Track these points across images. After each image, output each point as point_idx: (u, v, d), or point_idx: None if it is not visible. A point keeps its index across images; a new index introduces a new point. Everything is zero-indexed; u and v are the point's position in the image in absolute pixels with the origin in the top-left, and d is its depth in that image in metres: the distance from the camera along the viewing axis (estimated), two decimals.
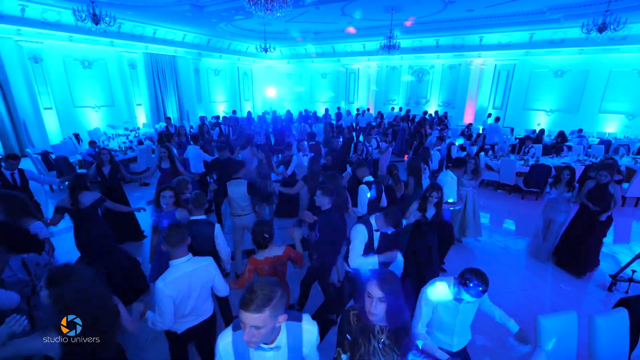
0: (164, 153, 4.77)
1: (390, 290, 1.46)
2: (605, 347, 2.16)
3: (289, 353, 1.45)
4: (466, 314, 2.01)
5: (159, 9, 9.33)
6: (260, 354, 1.40)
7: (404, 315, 1.54)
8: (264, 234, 2.37)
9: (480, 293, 1.79)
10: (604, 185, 3.95)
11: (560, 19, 9.80)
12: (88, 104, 11.53)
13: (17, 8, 8.54)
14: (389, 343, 1.56)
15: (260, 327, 1.23)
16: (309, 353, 1.55)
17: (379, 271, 1.58)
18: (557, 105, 12.43)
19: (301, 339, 1.48)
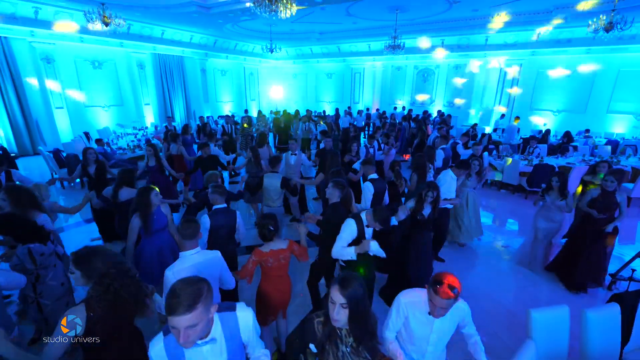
0: (150, 151, 4.89)
1: (352, 295, 1.40)
2: (597, 341, 2.20)
3: (227, 343, 1.44)
4: (442, 333, 1.83)
5: (166, 10, 9.51)
6: (196, 351, 1.37)
7: (368, 320, 1.51)
8: (269, 226, 2.43)
9: (451, 299, 1.62)
10: (611, 193, 3.64)
11: (567, 18, 9.74)
12: (98, 103, 11.80)
13: (30, 10, 8.80)
14: (357, 346, 1.52)
15: (196, 324, 1.22)
16: (249, 339, 1.55)
17: (342, 274, 1.51)
18: (564, 105, 12.31)
19: (238, 327, 1.48)
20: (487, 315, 3.40)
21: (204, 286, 1.29)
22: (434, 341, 1.83)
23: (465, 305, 1.87)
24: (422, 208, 3.32)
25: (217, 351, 1.42)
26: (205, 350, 1.39)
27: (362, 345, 1.51)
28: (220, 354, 1.43)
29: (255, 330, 1.57)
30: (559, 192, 3.85)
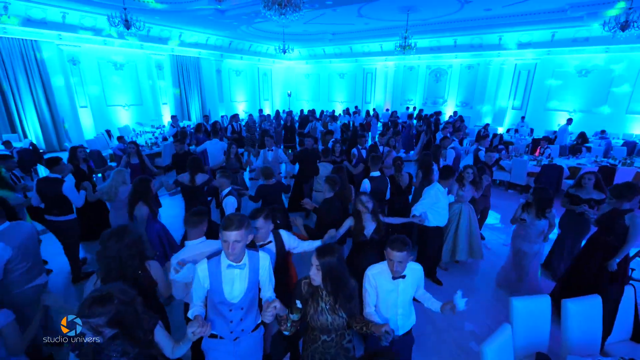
0: (133, 149, 5.19)
1: (326, 261, 1.75)
2: (577, 330, 2.29)
3: (250, 273, 1.85)
4: (406, 295, 2.10)
5: (184, 13, 9.92)
6: (230, 272, 1.81)
7: (344, 285, 1.80)
8: (276, 220, 2.63)
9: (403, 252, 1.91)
10: (621, 212, 2.96)
11: (584, 16, 9.54)
12: (119, 102, 12.39)
13: (59, 15, 9.38)
14: (343, 302, 1.82)
15: (239, 241, 1.72)
16: (263, 275, 1.92)
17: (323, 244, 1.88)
18: (580, 105, 12.03)
19: (258, 263, 1.88)
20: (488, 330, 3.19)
21: (247, 220, 1.80)
22: (402, 303, 2.09)
23: (420, 267, 2.16)
24: (361, 227, 2.81)
25: (243, 277, 1.83)
26: (235, 272, 1.81)
27: (339, 304, 1.82)
28: (244, 280, 1.84)
29: (269, 273, 1.95)
30: (537, 210, 3.30)
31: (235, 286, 1.82)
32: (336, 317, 1.83)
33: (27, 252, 2.49)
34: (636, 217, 2.88)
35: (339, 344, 1.92)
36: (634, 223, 2.88)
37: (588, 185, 3.65)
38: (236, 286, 1.82)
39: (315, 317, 1.83)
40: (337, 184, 3.44)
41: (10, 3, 8.40)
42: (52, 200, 3.60)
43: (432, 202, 3.54)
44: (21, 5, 8.60)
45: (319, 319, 1.83)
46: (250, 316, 1.94)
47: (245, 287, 1.84)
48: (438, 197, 3.56)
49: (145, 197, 3.17)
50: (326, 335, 1.88)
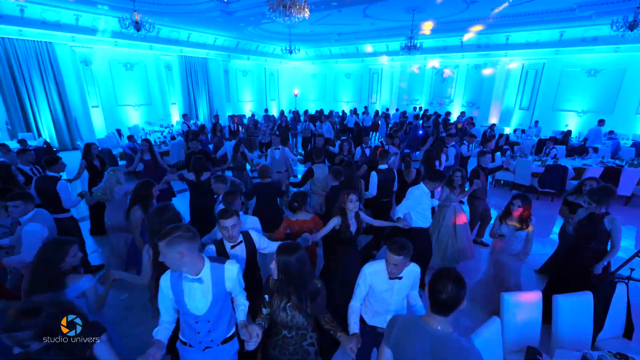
0: (146, 146, 5.46)
1: (282, 258, 1.79)
2: (568, 326, 2.35)
3: (213, 286, 1.81)
4: (400, 293, 2.10)
5: (192, 15, 10.13)
6: (189, 285, 1.77)
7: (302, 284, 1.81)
8: (294, 202, 3.12)
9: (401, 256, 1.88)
10: (599, 216, 2.84)
11: (592, 16, 9.44)
12: (129, 102, 12.69)
13: (72, 17, 9.67)
14: (297, 302, 1.82)
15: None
16: (233, 288, 1.90)
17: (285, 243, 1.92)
18: (589, 105, 11.87)
19: (223, 276, 1.84)
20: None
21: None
22: (395, 301, 2.10)
23: (417, 268, 2.13)
24: (347, 226, 2.92)
25: (205, 291, 1.80)
26: (194, 286, 1.77)
27: (292, 304, 1.83)
28: (207, 294, 1.80)
29: (239, 282, 1.93)
30: (519, 221, 3.07)
31: (197, 299, 1.79)
32: (296, 314, 1.84)
33: (53, 236, 2.74)
34: (616, 220, 2.80)
35: (299, 343, 1.93)
36: (615, 226, 2.80)
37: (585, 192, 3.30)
38: (199, 299, 1.79)
39: (277, 312, 1.87)
40: (341, 174, 3.94)
41: (27, 6, 8.71)
42: (49, 198, 3.65)
43: (415, 203, 3.47)
44: (37, 8, 8.91)
45: (280, 314, 1.86)
46: (220, 328, 1.90)
47: (209, 301, 1.80)
48: (422, 198, 3.50)
49: (144, 201, 3.10)
50: (287, 330, 1.92)
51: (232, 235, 2.23)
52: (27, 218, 2.66)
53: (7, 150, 5.95)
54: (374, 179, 4.29)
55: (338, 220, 2.92)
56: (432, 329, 1.44)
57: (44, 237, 2.59)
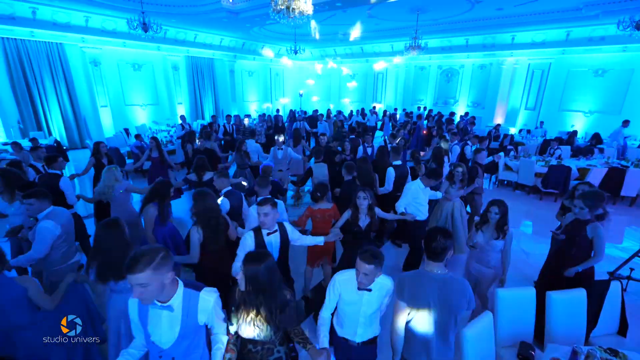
0: (153, 144, 5.64)
1: (250, 269, 1.67)
2: (561, 322, 2.38)
3: (183, 317, 1.57)
4: (369, 306, 1.97)
5: (199, 16, 10.28)
6: (156, 312, 1.55)
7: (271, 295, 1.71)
8: (317, 193, 3.38)
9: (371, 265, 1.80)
10: (583, 222, 2.76)
11: (599, 15, 9.36)
12: (137, 102, 12.91)
13: (82, 19, 9.89)
14: (264, 316, 1.70)
15: (146, 284, 1.39)
16: (209, 321, 1.67)
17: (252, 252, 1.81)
18: (596, 106, 11.75)
19: (197, 307, 1.60)
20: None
21: (159, 255, 1.44)
22: (364, 313, 1.98)
23: (390, 282, 2.00)
24: (357, 219, 3.02)
25: (174, 321, 1.57)
26: (163, 314, 1.55)
27: (262, 317, 1.70)
28: (175, 324, 1.57)
29: (216, 314, 1.69)
30: (496, 228, 2.87)
31: (163, 330, 1.57)
32: (263, 330, 1.73)
33: (68, 234, 2.83)
34: (598, 228, 2.69)
35: (264, 358, 1.81)
36: (597, 234, 2.68)
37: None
38: (164, 331, 1.57)
39: (243, 326, 1.74)
40: (353, 169, 4.17)
41: (38, 8, 8.93)
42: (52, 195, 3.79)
43: (412, 198, 3.72)
44: (48, 10, 9.13)
45: (246, 328, 1.74)
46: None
47: (176, 333, 1.57)
48: (418, 193, 3.74)
49: (161, 199, 3.16)
50: (252, 345, 1.80)
51: (264, 222, 2.40)
52: (42, 215, 2.71)
53: (20, 148, 6.12)
54: (391, 174, 4.51)
55: (349, 213, 3.07)
56: (434, 274, 1.86)
57: (55, 235, 2.66)
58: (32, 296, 2.05)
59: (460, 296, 1.83)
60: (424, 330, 1.87)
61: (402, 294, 1.89)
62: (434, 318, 1.84)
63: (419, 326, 1.88)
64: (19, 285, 2.03)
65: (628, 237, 5.49)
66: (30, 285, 2.06)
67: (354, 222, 3.03)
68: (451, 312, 1.83)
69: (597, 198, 2.74)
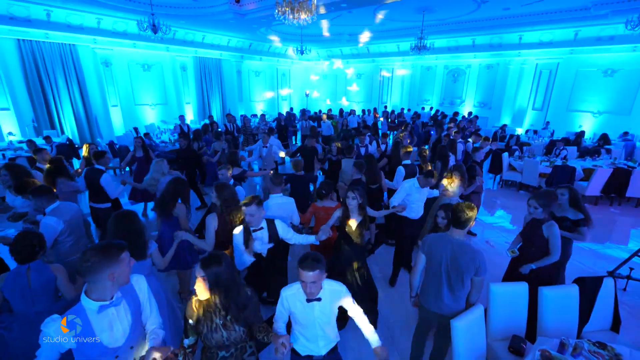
0: (139, 143, 5.78)
1: (212, 270, 1.60)
2: (552, 317, 2.43)
3: (130, 304, 1.61)
4: (325, 317, 1.91)
5: (207, 17, 10.47)
6: (104, 315, 1.51)
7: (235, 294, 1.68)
8: (322, 190, 3.45)
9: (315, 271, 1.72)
10: (539, 222, 2.79)
11: (608, 14, 9.25)
12: (146, 102, 13.19)
13: (94, 21, 10.17)
14: (230, 318, 1.68)
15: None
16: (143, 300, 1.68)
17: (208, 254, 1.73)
18: (605, 106, 11.59)
19: (134, 290, 1.64)
20: None
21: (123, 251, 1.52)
22: (320, 325, 1.91)
23: (342, 287, 1.94)
24: (348, 216, 2.97)
25: (122, 312, 1.57)
26: (110, 312, 1.53)
27: (232, 316, 1.69)
28: (125, 315, 1.58)
29: (149, 297, 1.70)
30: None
31: (115, 328, 1.54)
32: (232, 331, 1.71)
33: (75, 228, 3.01)
34: (553, 227, 2.70)
35: (240, 358, 1.81)
36: (553, 233, 2.69)
37: (562, 201, 3.08)
38: (116, 327, 1.55)
39: (209, 335, 1.69)
40: (363, 167, 4.28)
41: (53, 10, 9.22)
42: (94, 189, 4.09)
43: (405, 195, 3.73)
44: (62, 12, 9.42)
45: (213, 337, 1.69)
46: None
47: (129, 323, 1.59)
48: (412, 191, 3.73)
49: (184, 196, 3.29)
50: (224, 351, 1.77)
51: (250, 221, 2.54)
52: (49, 210, 2.89)
53: (34, 146, 6.36)
54: (401, 173, 4.67)
55: (340, 212, 3.03)
56: (453, 238, 2.24)
57: (58, 230, 2.83)
58: (59, 284, 2.19)
59: (469, 260, 2.14)
60: (436, 281, 2.27)
61: (423, 248, 2.36)
62: (444, 273, 2.23)
63: (432, 276, 2.30)
64: (51, 273, 2.18)
65: (634, 239, 5.46)
66: (60, 274, 2.21)
67: (344, 220, 3.00)
68: (459, 272, 2.17)
69: (549, 197, 2.76)
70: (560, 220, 3.01)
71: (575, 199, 3.07)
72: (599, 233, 5.55)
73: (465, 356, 2.15)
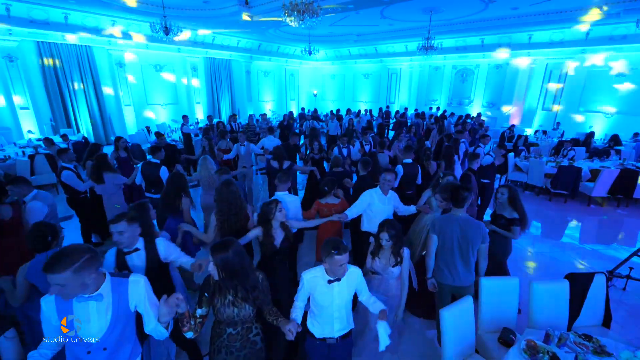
0: (124, 144, 5.94)
1: (221, 257, 1.76)
2: (542, 311, 2.50)
3: (114, 302, 1.56)
4: (342, 299, 2.02)
5: (217, 19, 10.71)
6: (83, 306, 1.50)
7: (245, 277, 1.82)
8: (324, 187, 3.55)
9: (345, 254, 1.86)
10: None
11: (620, 13, 9.10)
12: (158, 102, 13.54)
13: (109, 23, 10.52)
14: (242, 296, 1.83)
15: (64, 284, 1.38)
16: (140, 306, 1.63)
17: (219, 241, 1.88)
18: (618, 106, 11.37)
19: (127, 291, 1.60)
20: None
21: (83, 257, 1.42)
22: (337, 306, 2.02)
23: (358, 270, 2.08)
24: (271, 239, 2.65)
25: (103, 309, 1.55)
26: (90, 305, 1.52)
27: (241, 297, 1.83)
28: (105, 312, 1.55)
29: (148, 298, 1.66)
30: (393, 253, 2.48)
31: (92, 321, 1.53)
32: (242, 309, 1.86)
33: (53, 212, 3.31)
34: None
35: (245, 337, 1.94)
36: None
37: (502, 200, 3.19)
38: (93, 322, 1.53)
39: (222, 309, 1.85)
40: (369, 165, 4.30)
41: (70, 13, 9.59)
42: (151, 181, 4.36)
43: (365, 205, 3.33)
44: (79, 15, 9.79)
45: (225, 311, 1.84)
46: (120, 358, 1.65)
47: (107, 323, 1.56)
48: (372, 202, 3.32)
49: (185, 190, 3.44)
50: (232, 328, 1.90)
51: (119, 241, 2.08)
52: (29, 197, 3.18)
53: (51, 143, 6.67)
54: (399, 171, 4.60)
55: (259, 231, 2.68)
56: (457, 216, 2.63)
57: (44, 213, 3.11)
58: None
59: (475, 231, 2.55)
60: (450, 256, 2.62)
61: (434, 229, 2.67)
62: (456, 248, 2.58)
63: (445, 253, 2.64)
64: None
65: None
66: None
67: (269, 243, 2.66)
68: (469, 243, 2.56)
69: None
70: (497, 217, 3.25)
71: (514, 198, 3.17)
72: (605, 234, 5.53)
73: (454, 344, 2.24)
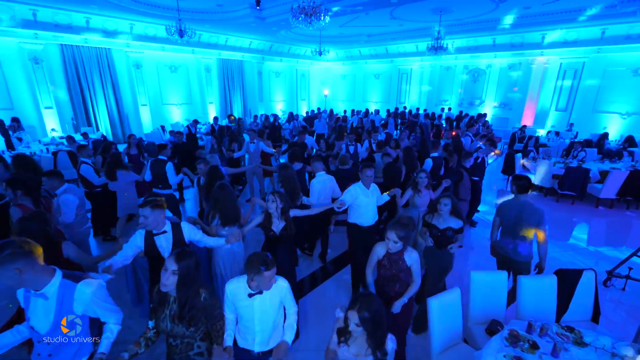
0: (135, 141, 6.23)
1: (184, 264, 1.68)
2: (530, 304, 2.59)
3: (57, 305, 1.60)
4: (264, 312, 1.93)
5: (230, 21, 11.02)
6: (34, 300, 1.60)
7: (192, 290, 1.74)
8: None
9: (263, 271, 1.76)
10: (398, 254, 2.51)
11: (636, 12, 8.90)
12: (172, 101, 14.00)
13: (128, 26, 10.98)
14: (178, 313, 1.74)
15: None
16: (91, 312, 1.69)
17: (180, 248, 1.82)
18: (635, 107, 11.08)
19: (72, 296, 1.62)
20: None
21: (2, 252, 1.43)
22: (259, 320, 1.93)
23: (285, 283, 2.00)
24: (269, 223, 2.82)
25: (48, 309, 1.60)
26: (38, 302, 1.61)
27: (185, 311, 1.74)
28: (49, 312, 1.60)
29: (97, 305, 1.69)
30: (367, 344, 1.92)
31: (39, 317, 1.61)
32: (175, 326, 1.77)
33: (82, 205, 3.58)
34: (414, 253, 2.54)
35: (184, 352, 1.85)
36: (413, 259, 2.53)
37: (444, 212, 2.95)
38: (40, 317, 1.61)
39: (159, 323, 1.81)
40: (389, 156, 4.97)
41: (91, 17, 10.07)
42: (157, 177, 4.61)
43: (351, 198, 3.38)
44: (99, 19, 10.26)
45: (161, 325, 1.81)
46: (63, 355, 1.68)
47: (51, 322, 1.61)
48: (357, 195, 3.37)
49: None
50: (172, 339, 1.85)
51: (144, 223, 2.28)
52: (61, 191, 3.40)
53: (73, 141, 7.06)
54: (429, 164, 5.02)
55: (261, 219, 2.86)
56: (518, 200, 3.12)
57: (76, 204, 3.36)
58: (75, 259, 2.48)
59: (531, 215, 2.98)
60: (510, 234, 3.12)
61: (498, 212, 3.25)
62: (515, 227, 3.06)
63: (506, 231, 3.17)
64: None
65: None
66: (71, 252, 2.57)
67: (267, 229, 2.83)
68: (525, 224, 3.00)
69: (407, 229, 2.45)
70: (445, 230, 2.96)
71: (455, 207, 2.99)
72: (614, 236, 5.49)
73: (441, 332, 2.36)
